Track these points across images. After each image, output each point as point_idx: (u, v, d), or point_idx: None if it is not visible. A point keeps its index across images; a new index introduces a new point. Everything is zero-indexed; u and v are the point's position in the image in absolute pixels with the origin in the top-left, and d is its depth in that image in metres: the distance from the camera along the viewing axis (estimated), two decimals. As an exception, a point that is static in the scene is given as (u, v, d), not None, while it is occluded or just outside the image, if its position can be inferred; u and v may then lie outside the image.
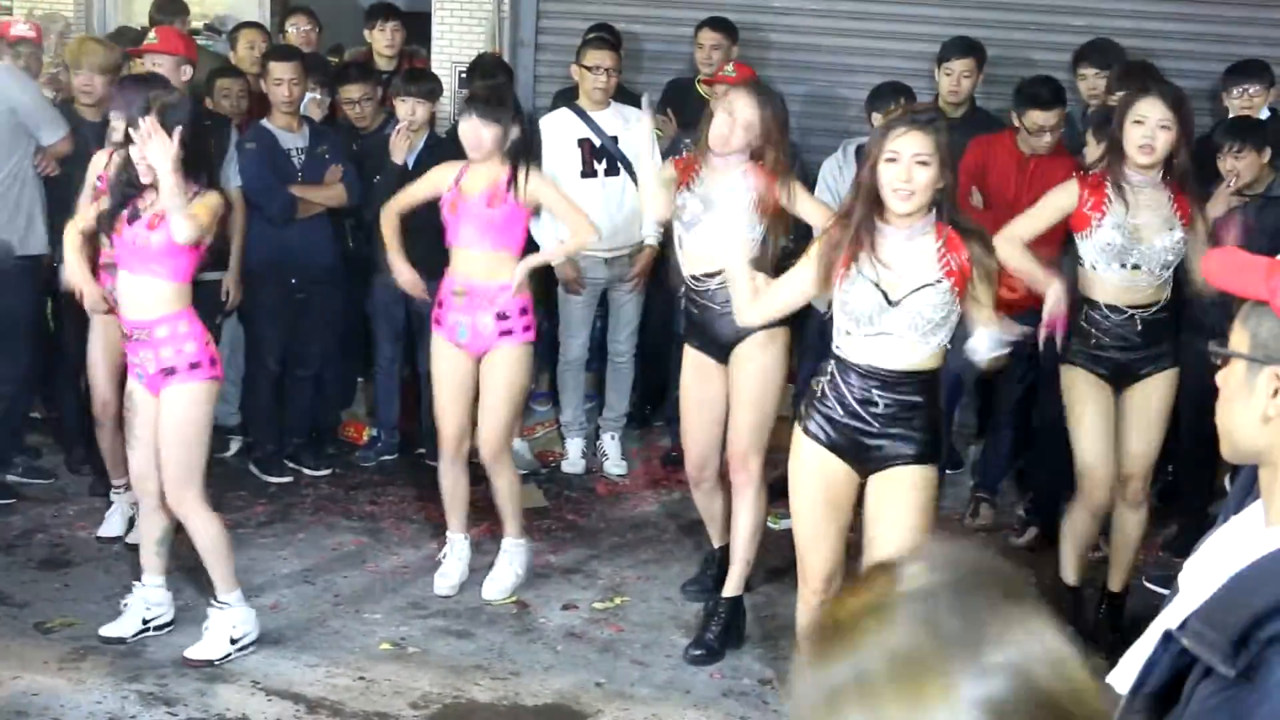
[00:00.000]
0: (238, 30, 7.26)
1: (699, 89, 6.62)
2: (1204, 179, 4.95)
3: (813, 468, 4.02)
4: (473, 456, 5.29)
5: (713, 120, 4.72)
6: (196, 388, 4.56)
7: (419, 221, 5.36)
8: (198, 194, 4.51)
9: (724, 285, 4.79)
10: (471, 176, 5.09)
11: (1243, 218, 4.87)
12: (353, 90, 6.50)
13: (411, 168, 6.07)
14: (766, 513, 5.05)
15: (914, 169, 3.78)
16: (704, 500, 5.17)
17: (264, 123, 6.19)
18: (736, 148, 4.69)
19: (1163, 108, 4.55)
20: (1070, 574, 5.00)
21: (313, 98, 6.56)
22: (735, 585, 4.94)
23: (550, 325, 6.67)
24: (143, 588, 4.84)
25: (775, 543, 5.35)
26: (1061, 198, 4.70)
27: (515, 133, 5.05)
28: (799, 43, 7.39)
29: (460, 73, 7.40)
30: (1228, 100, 5.97)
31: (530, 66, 7.68)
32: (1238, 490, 1.88)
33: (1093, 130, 5.25)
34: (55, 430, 6.56)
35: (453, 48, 7.66)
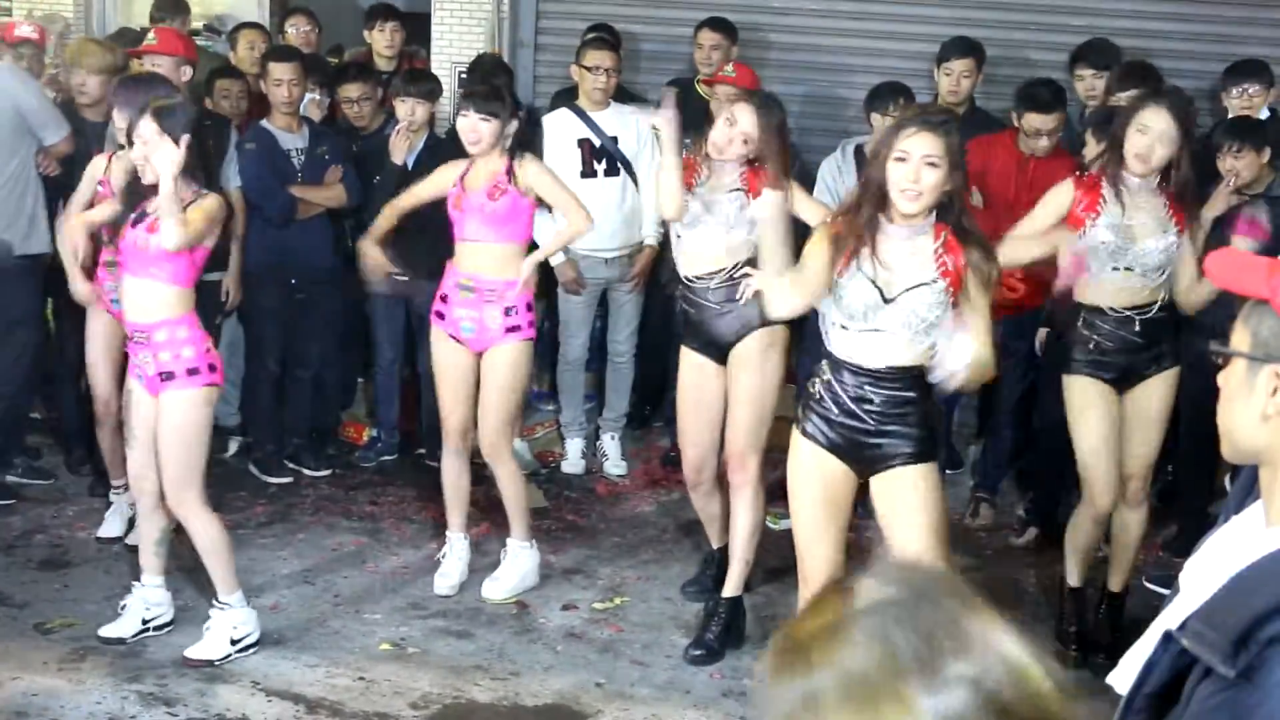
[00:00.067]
0: (238, 30, 7.26)
1: (699, 89, 6.62)
2: (1203, 179, 4.95)
3: (811, 469, 4.02)
4: (474, 457, 5.30)
5: (713, 125, 4.73)
6: (194, 393, 4.56)
7: (420, 222, 5.37)
8: (197, 196, 4.50)
9: (721, 285, 4.80)
10: (474, 172, 5.11)
11: (1250, 213, 4.86)
12: (352, 90, 6.50)
13: (411, 168, 6.07)
14: (765, 513, 5.05)
15: (923, 170, 3.77)
16: (702, 502, 5.16)
17: (264, 123, 6.19)
18: (734, 156, 4.70)
19: (1168, 120, 4.54)
20: (1074, 576, 5.00)
21: (312, 98, 6.56)
22: (735, 585, 4.94)
23: (550, 325, 6.68)
24: (142, 588, 4.84)
25: (775, 543, 5.35)
26: (1057, 198, 4.70)
27: (514, 126, 5.07)
28: (799, 43, 7.39)
29: (460, 73, 7.39)
30: (1227, 100, 5.97)
31: (530, 66, 7.68)
32: (1238, 490, 1.88)
33: (1093, 130, 5.25)
34: (55, 430, 6.56)
35: (452, 48, 7.65)
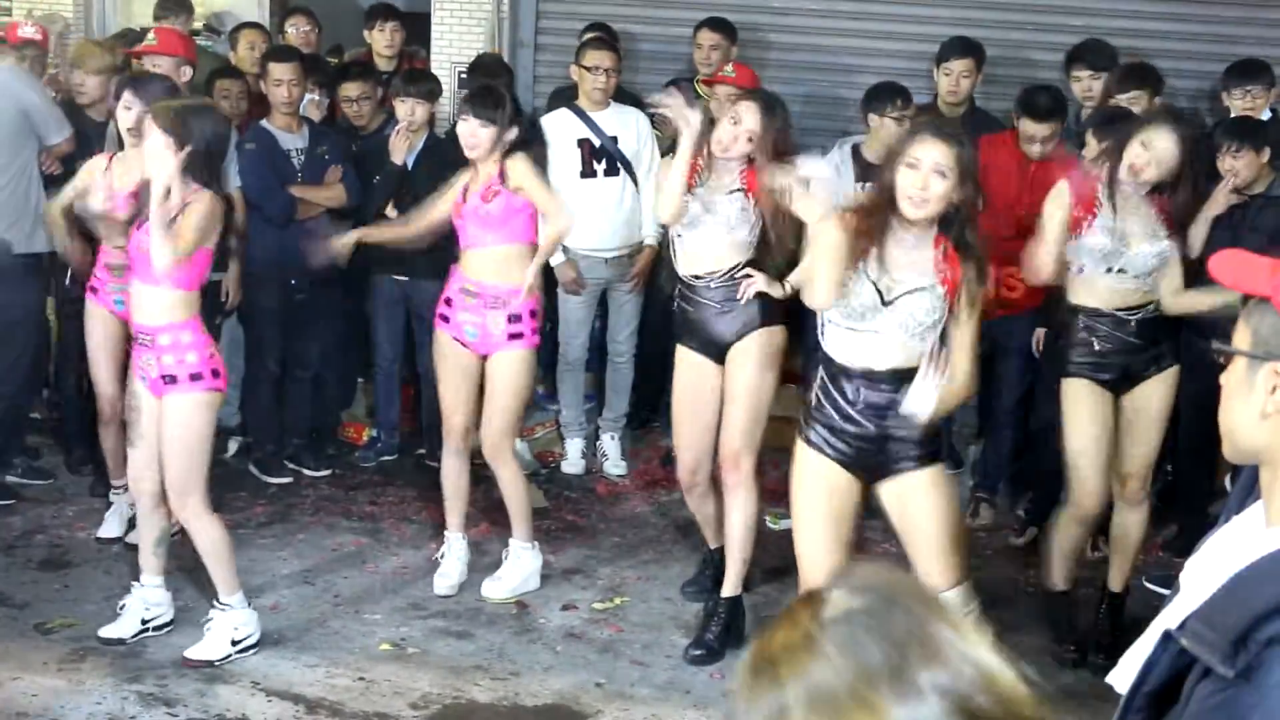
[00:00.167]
0: (238, 30, 7.26)
1: (698, 89, 6.62)
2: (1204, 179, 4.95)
3: (816, 479, 4.01)
4: (475, 457, 5.30)
5: (716, 124, 4.73)
6: (197, 398, 4.55)
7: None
8: (193, 196, 4.48)
9: (721, 285, 4.80)
10: (474, 179, 5.12)
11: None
12: (351, 89, 6.50)
13: (411, 168, 6.08)
14: (765, 513, 5.05)
15: (931, 178, 3.79)
16: (697, 504, 5.15)
17: (264, 123, 6.19)
18: (737, 155, 4.70)
19: (1173, 146, 4.55)
20: (1058, 579, 5.00)
21: (311, 99, 6.55)
22: (733, 585, 4.94)
23: (550, 325, 6.67)
24: (141, 588, 4.84)
25: (775, 543, 5.35)
26: (1058, 203, 4.71)
27: (513, 133, 5.06)
28: (799, 43, 7.39)
29: (460, 73, 7.39)
30: (1229, 100, 5.95)
31: (530, 67, 7.68)
32: (1239, 490, 1.88)
33: (1093, 130, 5.24)
34: (55, 430, 6.56)
35: (452, 48, 7.65)
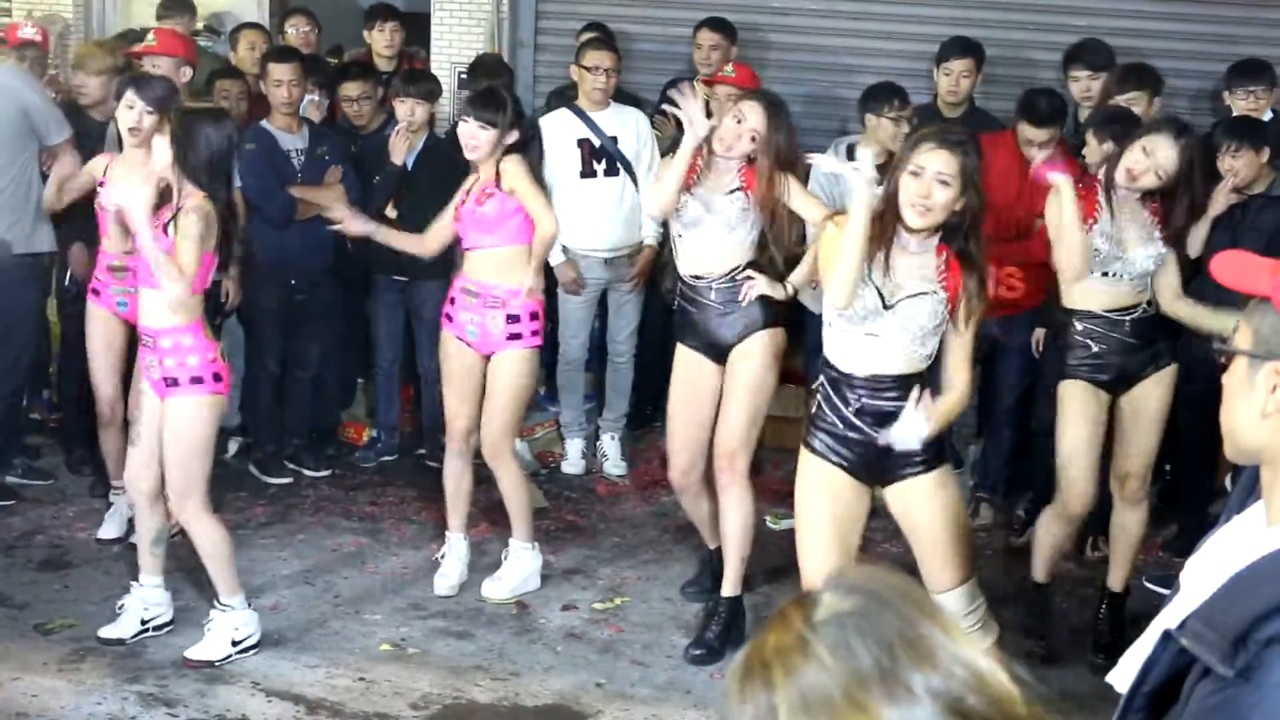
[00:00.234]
0: (238, 31, 7.27)
1: (698, 89, 6.60)
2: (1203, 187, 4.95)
3: (820, 486, 4.01)
4: (476, 457, 5.30)
5: (718, 124, 4.72)
6: (199, 401, 4.55)
7: (420, 225, 5.36)
8: (186, 200, 4.46)
9: (723, 286, 4.79)
10: (475, 181, 5.13)
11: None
12: (352, 88, 6.50)
13: (411, 168, 6.07)
14: (766, 513, 5.04)
15: (935, 187, 3.80)
16: (691, 504, 5.15)
17: (263, 124, 6.19)
18: (740, 153, 4.69)
19: (1173, 156, 4.54)
20: (1041, 573, 4.99)
21: (311, 100, 6.55)
22: (733, 584, 4.94)
23: (550, 325, 6.67)
24: (140, 588, 4.84)
25: (775, 543, 5.35)
26: (1055, 204, 4.70)
27: (514, 135, 5.05)
28: (798, 43, 7.39)
29: (460, 73, 7.39)
30: (1231, 100, 5.95)
31: (530, 67, 7.68)
32: (1240, 490, 1.88)
33: (1094, 130, 5.24)
34: (55, 430, 6.56)
35: (452, 48, 7.65)
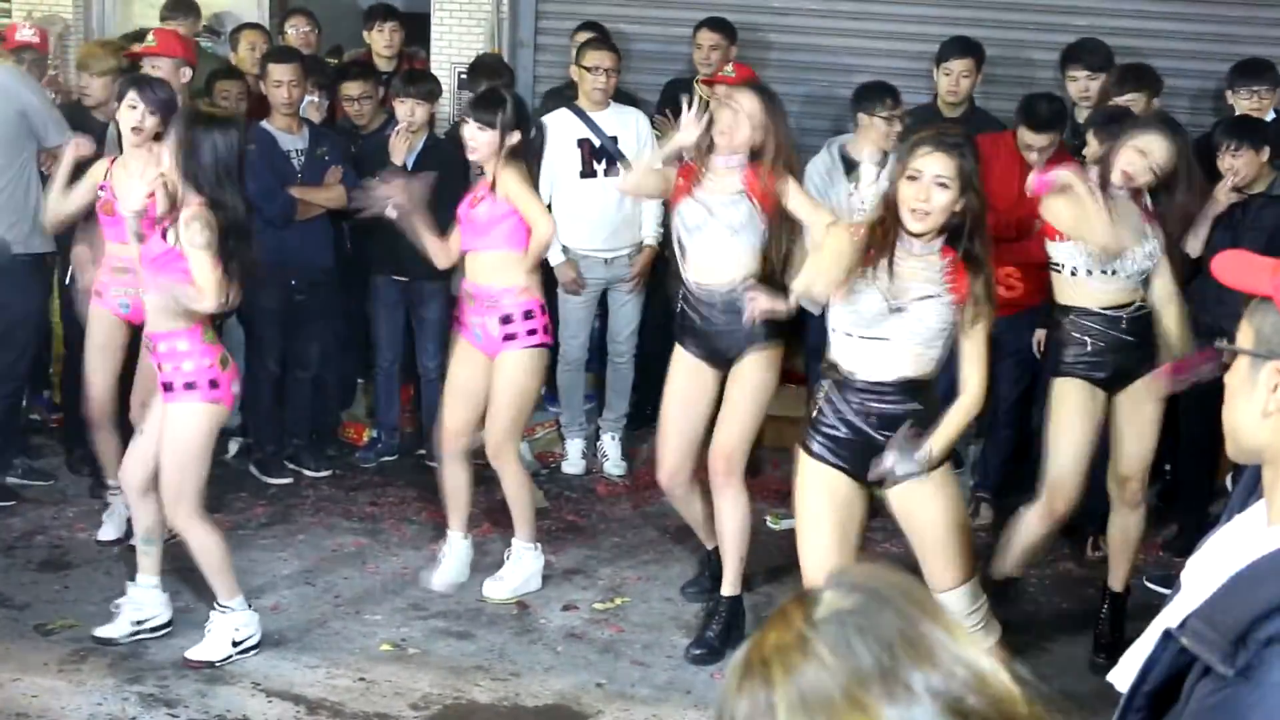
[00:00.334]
0: (238, 31, 7.27)
1: (698, 89, 6.61)
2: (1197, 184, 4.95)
3: (820, 488, 4.01)
4: (478, 457, 5.30)
5: (716, 120, 4.72)
6: (195, 408, 4.53)
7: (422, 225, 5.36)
8: (185, 208, 4.45)
9: (726, 298, 4.75)
10: (479, 184, 5.13)
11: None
12: (352, 88, 6.51)
13: (411, 169, 6.07)
14: (766, 513, 5.04)
15: (933, 190, 3.80)
16: (682, 505, 5.13)
17: (263, 124, 6.19)
18: (742, 142, 4.68)
19: (1168, 155, 4.55)
20: (1008, 566, 4.91)
21: (311, 100, 6.55)
22: (733, 584, 4.93)
23: (550, 326, 6.67)
24: (135, 588, 4.83)
25: (775, 543, 5.35)
26: (1070, 206, 4.70)
27: (516, 136, 5.05)
28: (798, 43, 7.39)
29: (460, 74, 7.39)
30: (1234, 99, 5.94)
31: (530, 67, 7.68)
32: (1241, 489, 1.89)
33: (1094, 130, 5.23)
34: (56, 431, 6.56)
35: (452, 49, 7.65)
